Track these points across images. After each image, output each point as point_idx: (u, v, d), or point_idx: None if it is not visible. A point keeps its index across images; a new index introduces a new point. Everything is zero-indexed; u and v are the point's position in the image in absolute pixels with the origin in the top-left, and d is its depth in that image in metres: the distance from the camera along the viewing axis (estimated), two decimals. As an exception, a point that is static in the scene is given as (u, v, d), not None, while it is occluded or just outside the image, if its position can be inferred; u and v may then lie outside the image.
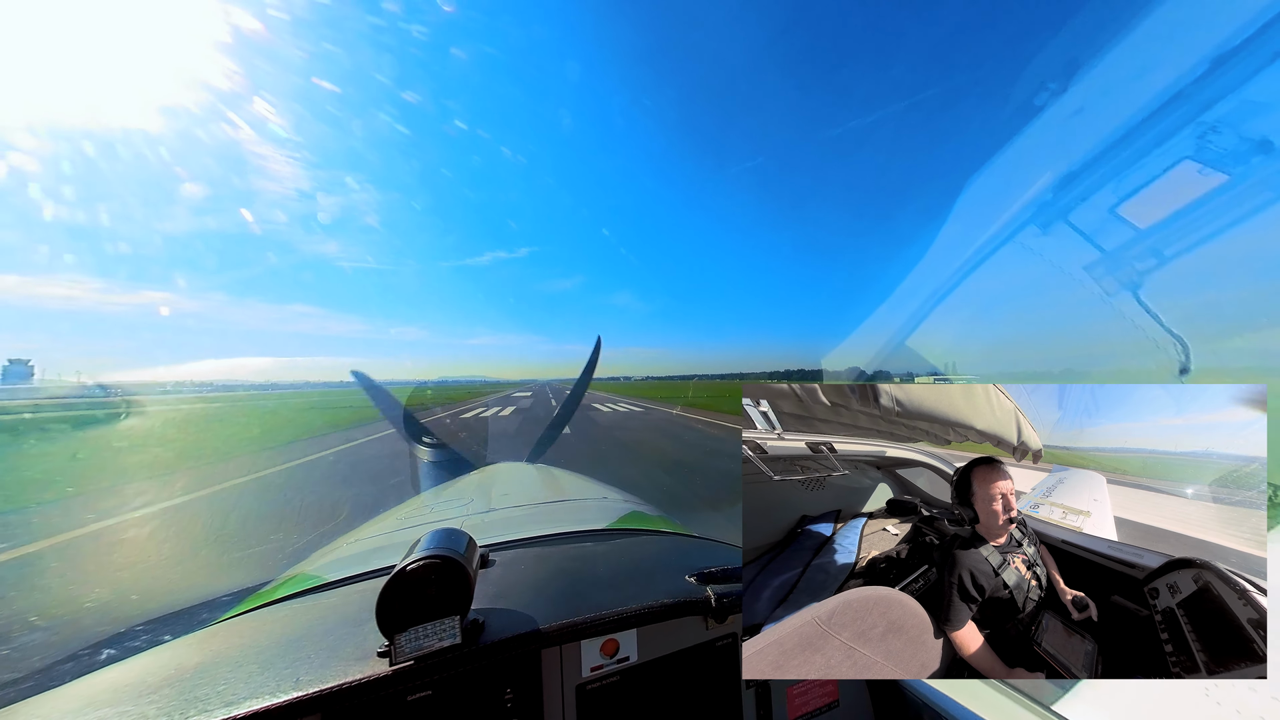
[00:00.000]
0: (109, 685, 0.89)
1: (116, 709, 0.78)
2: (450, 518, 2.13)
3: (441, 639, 0.84)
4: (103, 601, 4.70)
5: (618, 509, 2.17)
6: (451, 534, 0.95)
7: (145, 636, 3.44)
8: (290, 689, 0.78)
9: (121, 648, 3.33)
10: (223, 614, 1.41)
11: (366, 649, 0.88)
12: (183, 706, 0.76)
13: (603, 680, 0.99)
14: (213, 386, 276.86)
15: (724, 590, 1.07)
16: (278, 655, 0.90)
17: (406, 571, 0.83)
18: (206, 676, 0.85)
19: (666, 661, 1.05)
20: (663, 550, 1.46)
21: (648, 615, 1.00)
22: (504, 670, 0.92)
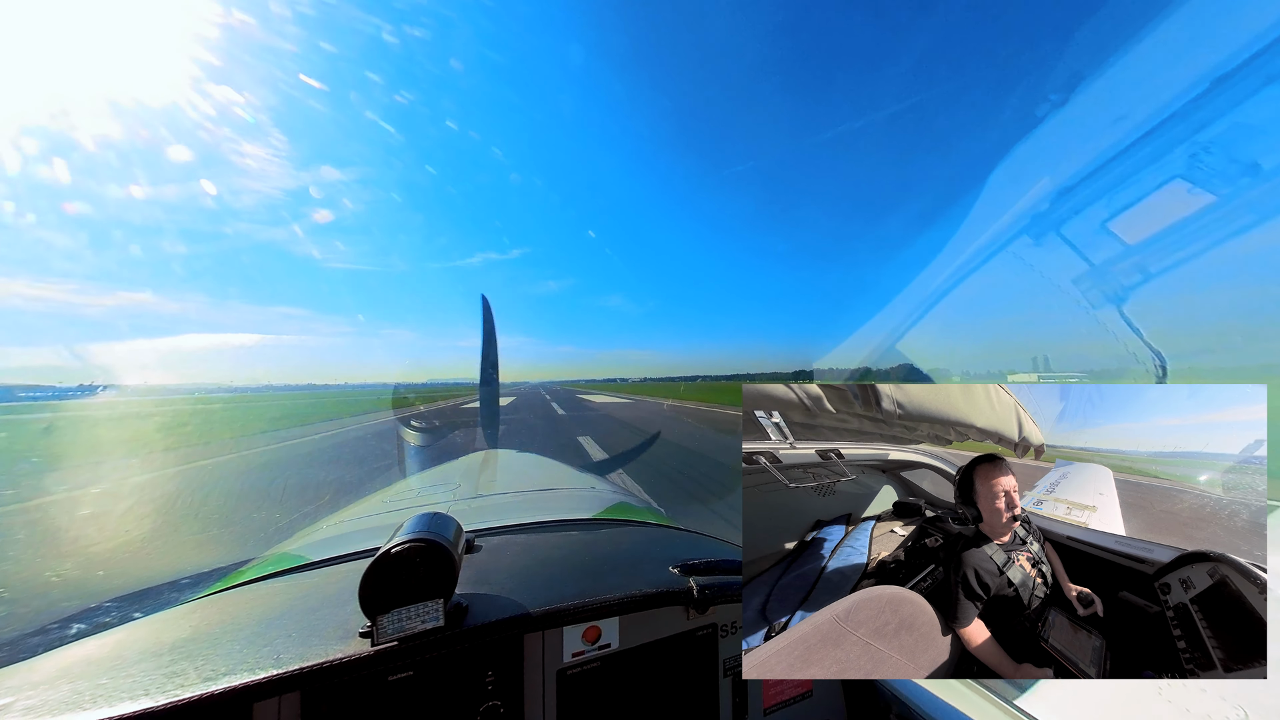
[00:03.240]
0: (83, 658, 0.87)
1: (92, 682, 0.77)
2: (437, 502, 2.12)
3: (424, 621, 0.85)
4: (76, 575, 4.68)
5: (605, 499, 2.17)
6: (438, 518, 0.96)
7: (116, 613, 3.37)
8: (270, 666, 0.77)
9: (94, 623, 3.24)
10: (203, 590, 1.39)
11: (349, 629, 0.88)
12: (160, 681, 0.75)
13: (584, 666, 1.00)
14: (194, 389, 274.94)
15: (706, 582, 1.09)
16: (258, 632, 0.90)
17: (391, 553, 0.83)
18: (185, 651, 0.84)
19: (647, 649, 1.06)
20: (648, 541, 1.46)
21: (630, 604, 1.01)
22: (486, 653, 0.93)
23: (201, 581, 2.31)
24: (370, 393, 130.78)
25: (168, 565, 4.90)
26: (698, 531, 1.69)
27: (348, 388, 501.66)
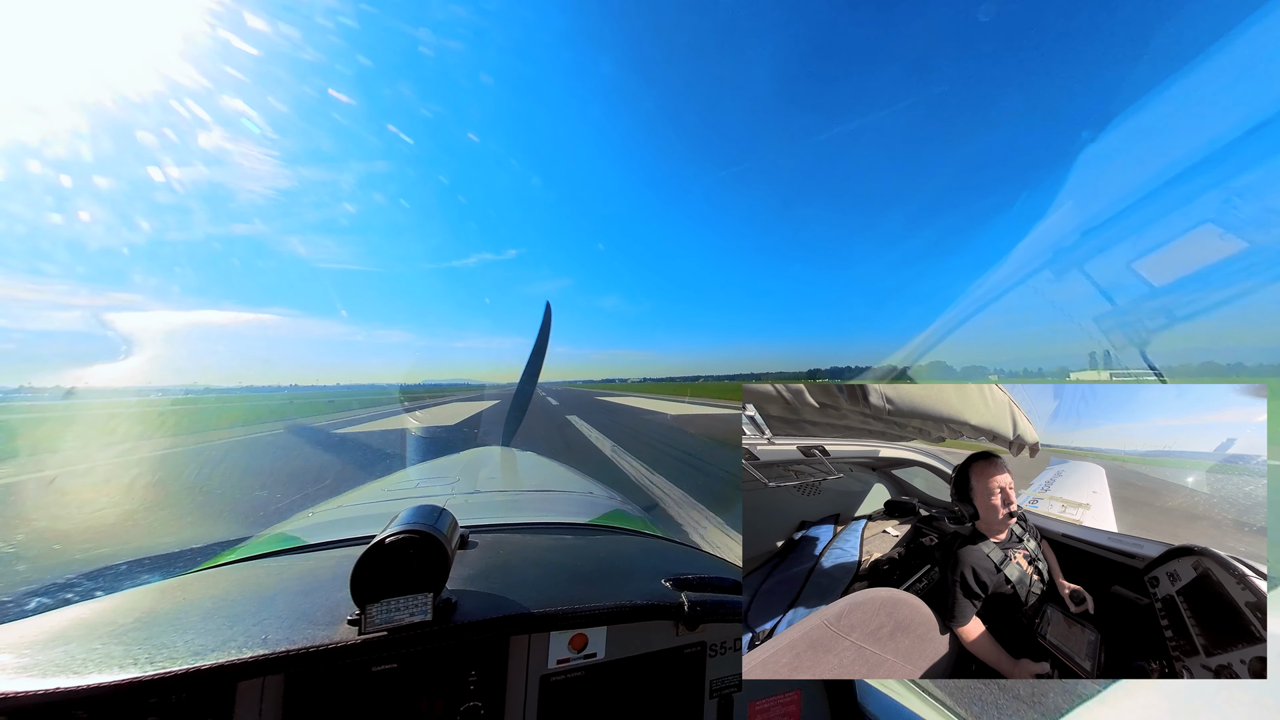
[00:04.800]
0: (77, 621, 0.89)
1: (85, 645, 0.78)
2: (434, 495, 2.11)
3: (413, 614, 0.84)
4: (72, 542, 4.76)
5: (601, 505, 2.16)
6: (434, 511, 0.95)
7: (114, 580, 3.38)
8: (257, 646, 0.77)
9: (94, 588, 3.28)
10: (200, 564, 1.40)
11: (337, 615, 0.88)
12: (150, 652, 0.76)
13: (568, 674, 0.99)
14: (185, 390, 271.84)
15: (698, 598, 1.06)
16: (248, 611, 0.90)
17: (385, 543, 0.83)
18: (175, 624, 0.85)
19: (633, 663, 1.04)
20: (641, 552, 1.45)
21: (619, 614, 0.99)
22: (471, 652, 0.92)
23: (199, 556, 2.32)
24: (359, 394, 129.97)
25: (170, 539, 5.02)
26: (693, 546, 1.68)
27: (340, 389, 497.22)
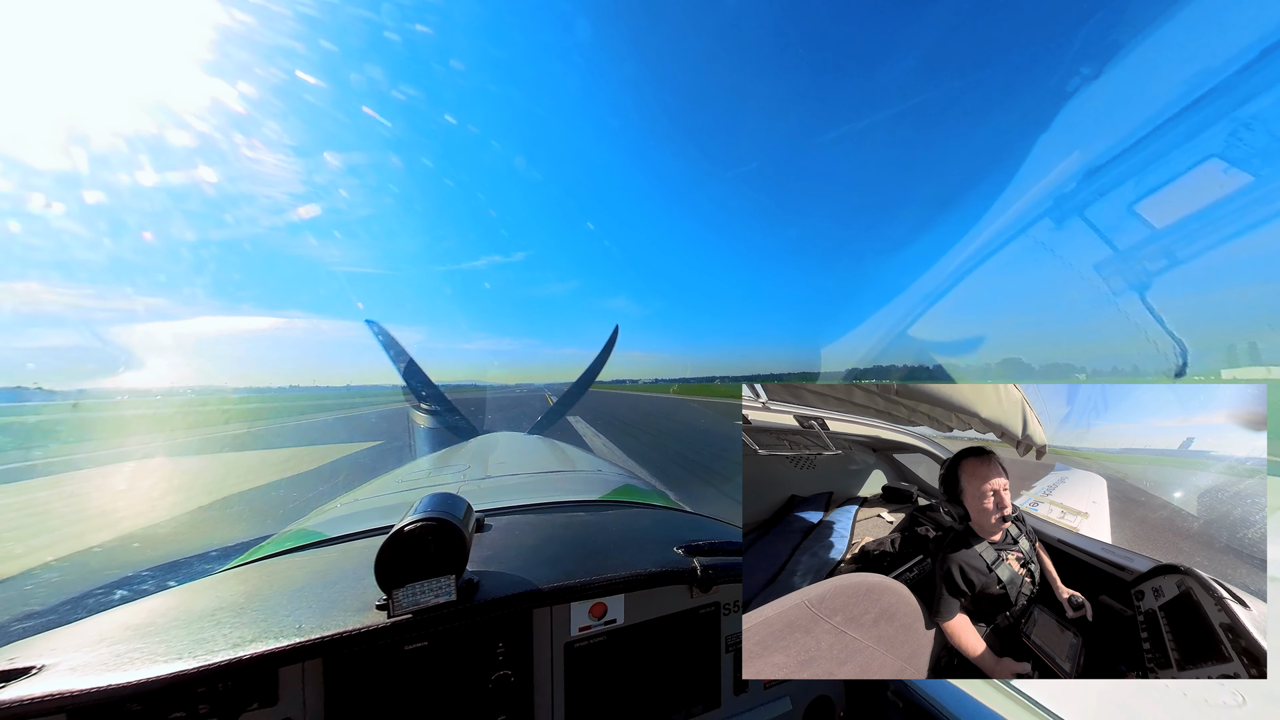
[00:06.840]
0: (119, 624, 0.94)
1: (128, 645, 0.83)
2: (448, 482, 2.19)
3: (438, 595, 0.90)
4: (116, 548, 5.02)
5: (611, 481, 2.23)
6: (448, 498, 1.00)
7: (151, 582, 3.63)
8: (293, 634, 0.83)
9: (133, 590, 3.52)
10: (227, 564, 1.48)
11: (366, 601, 0.94)
12: (191, 647, 0.81)
13: (590, 640, 1.06)
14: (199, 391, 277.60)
15: (710, 562, 1.14)
16: (281, 604, 0.96)
17: (405, 531, 0.87)
18: (212, 620, 0.91)
19: (651, 625, 1.12)
20: (653, 522, 1.51)
21: (635, 582, 1.06)
22: (497, 626, 0.99)
23: (226, 555, 2.45)
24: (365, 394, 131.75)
25: (197, 539, 5.19)
26: (703, 514, 1.73)
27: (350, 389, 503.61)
